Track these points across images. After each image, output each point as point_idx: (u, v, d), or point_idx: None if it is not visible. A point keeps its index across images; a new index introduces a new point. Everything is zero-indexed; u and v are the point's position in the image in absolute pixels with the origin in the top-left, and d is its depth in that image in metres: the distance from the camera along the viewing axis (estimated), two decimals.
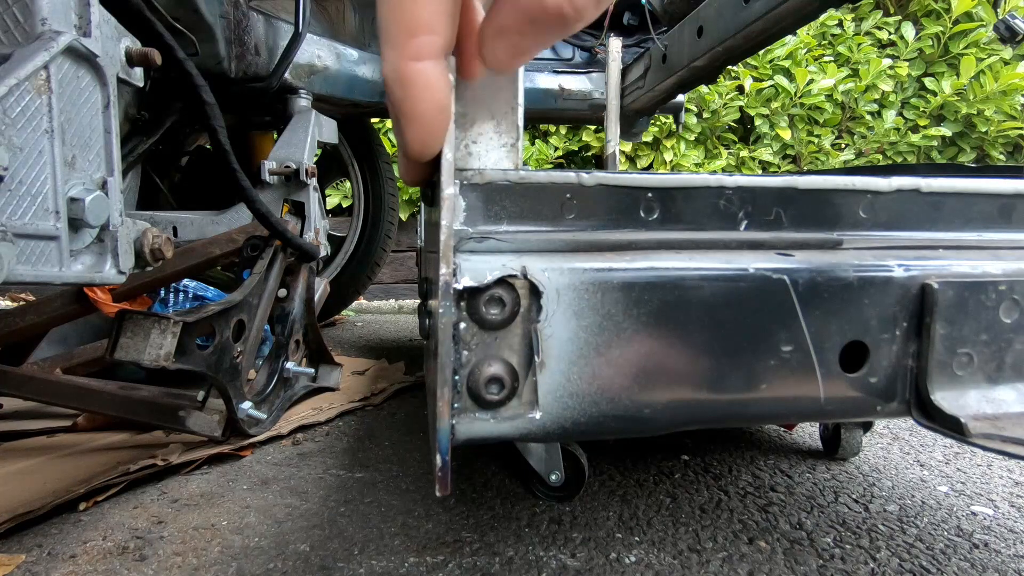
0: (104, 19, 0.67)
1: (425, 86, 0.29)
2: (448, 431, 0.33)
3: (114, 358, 0.91)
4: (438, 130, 0.31)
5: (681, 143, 3.88)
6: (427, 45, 0.29)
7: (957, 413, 0.37)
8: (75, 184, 0.64)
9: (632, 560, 0.79)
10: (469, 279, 0.33)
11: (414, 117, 0.30)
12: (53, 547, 0.83)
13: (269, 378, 1.32)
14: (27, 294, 2.21)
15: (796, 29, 1.15)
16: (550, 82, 1.98)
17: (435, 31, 0.29)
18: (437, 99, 0.30)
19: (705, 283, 0.35)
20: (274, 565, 0.78)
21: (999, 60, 3.66)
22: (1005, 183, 0.44)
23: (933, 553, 0.82)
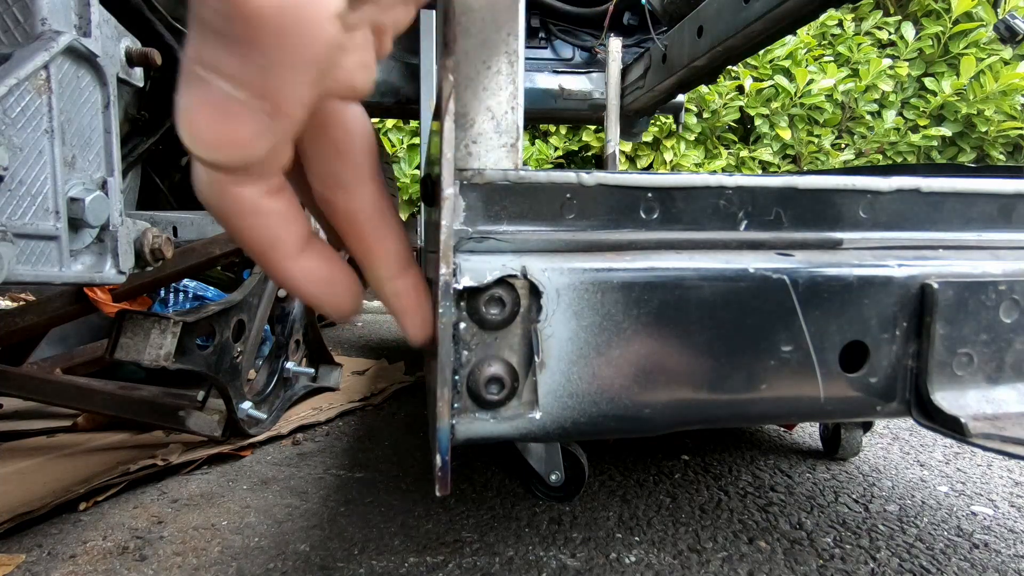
0: (104, 19, 0.67)
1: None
2: (448, 431, 0.33)
3: (114, 358, 0.91)
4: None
5: (681, 143, 3.88)
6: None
7: (957, 413, 0.37)
8: (75, 184, 0.64)
9: (632, 560, 0.79)
10: (469, 279, 0.33)
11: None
12: (53, 547, 0.83)
13: (269, 378, 1.32)
14: (27, 294, 2.21)
15: (796, 29, 1.15)
16: (550, 82, 1.98)
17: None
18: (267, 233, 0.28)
19: (705, 283, 0.35)
20: (274, 565, 0.78)
21: (999, 60, 3.66)
22: (1005, 183, 0.44)
23: (933, 553, 0.82)
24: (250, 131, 0.19)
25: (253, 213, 0.27)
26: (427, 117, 1.53)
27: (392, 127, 3.75)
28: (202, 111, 0.19)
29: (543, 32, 2.01)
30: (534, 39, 2.01)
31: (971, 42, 3.74)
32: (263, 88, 0.19)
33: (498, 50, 0.35)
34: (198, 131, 0.19)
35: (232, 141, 0.19)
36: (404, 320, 0.33)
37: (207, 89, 0.19)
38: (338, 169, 0.29)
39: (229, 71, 0.18)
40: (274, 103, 0.19)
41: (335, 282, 0.30)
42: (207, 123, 0.19)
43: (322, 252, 0.30)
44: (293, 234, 0.28)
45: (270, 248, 0.28)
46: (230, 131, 0.19)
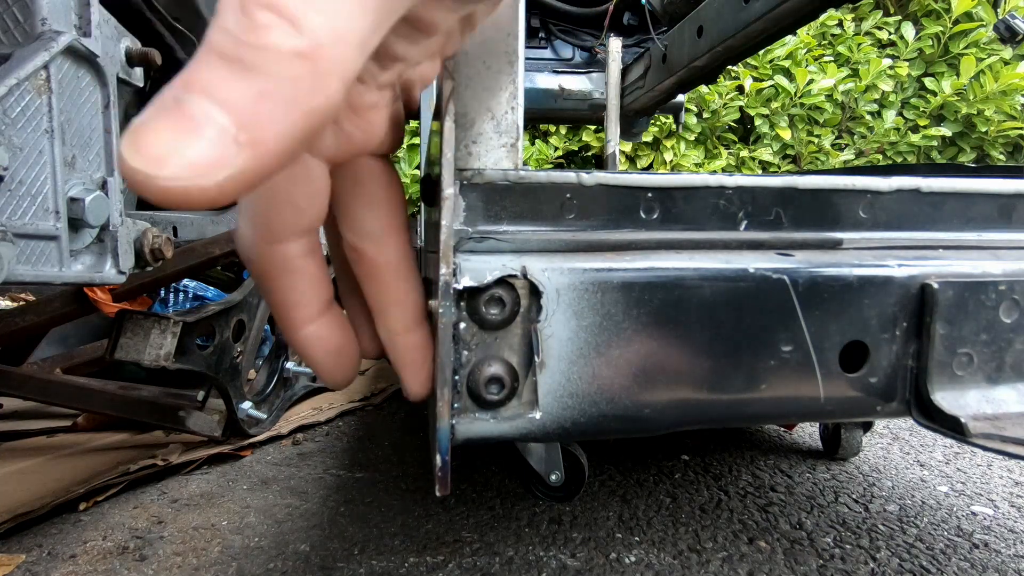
0: (104, 19, 0.67)
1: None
2: (448, 431, 0.33)
3: (114, 358, 0.91)
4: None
5: (681, 143, 3.88)
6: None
7: (957, 413, 0.37)
8: (75, 184, 0.64)
9: (632, 560, 0.79)
10: (469, 279, 0.33)
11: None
12: (53, 547, 0.83)
13: (269, 378, 1.32)
14: (27, 294, 2.21)
15: (796, 29, 1.14)
16: (550, 82, 1.98)
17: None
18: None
19: (705, 283, 0.35)
20: (274, 565, 0.78)
21: (999, 60, 3.66)
22: (1005, 183, 0.44)
23: (933, 553, 0.82)
24: (211, 156, 0.17)
25: (288, 271, 0.28)
26: (427, 117, 1.53)
27: None
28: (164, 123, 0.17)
29: (543, 32, 2.01)
30: (534, 39, 2.01)
31: (971, 42, 3.74)
32: (252, 117, 0.17)
33: (498, 50, 0.35)
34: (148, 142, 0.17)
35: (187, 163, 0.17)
36: (406, 374, 0.33)
37: (180, 108, 0.17)
38: (368, 221, 0.30)
39: (220, 93, 0.17)
40: (254, 136, 0.17)
41: (342, 353, 0.31)
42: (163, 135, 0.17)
43: (337, 320, 0.31)
44: (317, 297, 0.29)
45: (294, 307, 0.28)
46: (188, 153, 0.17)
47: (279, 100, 0.17)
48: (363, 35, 0.19)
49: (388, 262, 0.30)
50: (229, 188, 0.17)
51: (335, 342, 0.30)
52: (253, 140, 0.17)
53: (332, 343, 0.30)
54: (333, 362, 0.31)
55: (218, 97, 0.17)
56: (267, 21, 0.17)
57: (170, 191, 0.17)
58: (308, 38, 0.17)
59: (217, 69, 0.17)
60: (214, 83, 0.17)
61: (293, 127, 0.18)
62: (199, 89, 0.17)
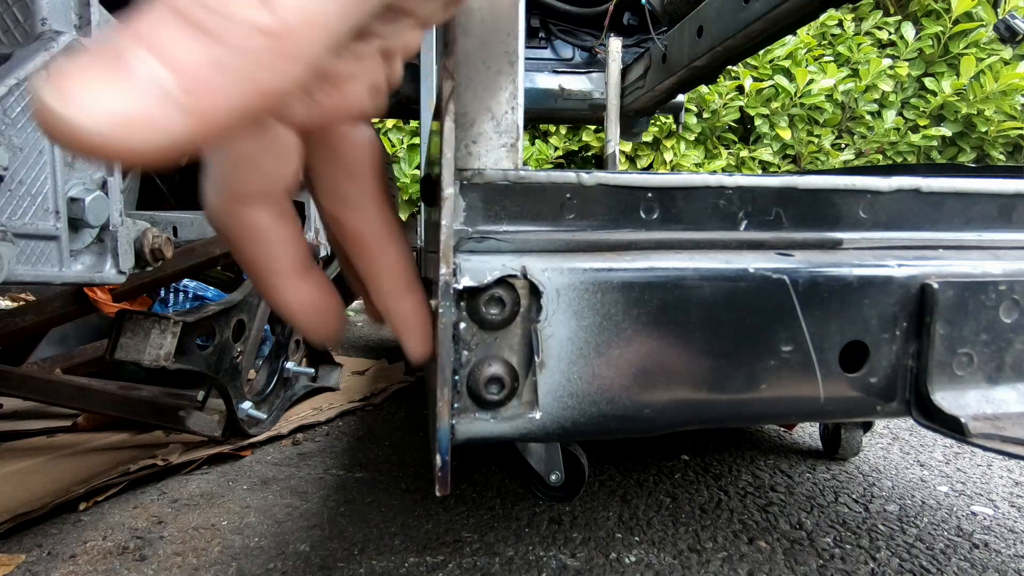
0: (104, 19, 0.67)
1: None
2: (448, 431, 0.33)
3: (114, 358, 0.91)
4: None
5: (681, 143, 3.88)
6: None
7: (957, 413, 0.37)
8: (75, 184, 0.64)
9: (632, 560, 0.79)
10: (469, 279, 0.33)
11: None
12: (53, 547, 0.83)
13: (269, 378, 1.32)
14: (27, 294, 2.21)
15: (796, 29, 1.14)
16: (550, 82, 1.98)
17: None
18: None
19: (705, 283, 0.35)
20: (274, 565, 0.78)
21: (999, 60, 3.66)
22: (1005, 183, 0.44)
23: (933, 553, 0.82)
24: (146, 113, 0.15)
25: (261, 237, 0.27)
26: (427, 117, 1.53)
27: (392, 127, 3.75)
28: (96, 69, 0.15)
29: (543, 32, 2.01)
30: (534, 39, 2.01)
31: (971, 42, 3.74)
32: (200, 83, 0.16)
33: (498, 50, 0.35)
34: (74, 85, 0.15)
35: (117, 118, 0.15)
36: (406, 338, 0.33)
37: (119, 61, 0.15)
38: (347, 188, 0.29)
39: (169, 51, 0.16)
40: (198, 102, 0.16)
41: (325, 311, 0.30)
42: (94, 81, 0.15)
43: (317, 279, 0.30)
44: (294, 259, 0.28)
45: (271, 272, 0.28)
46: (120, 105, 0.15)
47: (233, 72, 0.16)
48: (334, 20, 0.18)
49: (369, 229, 0.30)
50: (159, 150, 0.16)
51: (316, 301, 0.30)
52: (197, 107, 0.16)
53: (314, 302, 0.30)
54: (318, 320, 0.30)
55: (166, 56, 0.16)
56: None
57: (99, 147, 0.15)
58: (277, 16, 0.16)
59: (170, 27, 0.16)
60: (164, 41, 0.16)
61: (241, 102, 0.17)
62: (146, 43, 0.16)
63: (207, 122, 0.16)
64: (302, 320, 0.30)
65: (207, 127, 0.17)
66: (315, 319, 0.30)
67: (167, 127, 0.16)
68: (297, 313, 0.30)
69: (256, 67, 0.17)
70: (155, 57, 0.16)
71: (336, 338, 0.32)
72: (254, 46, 0.16)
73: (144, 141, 0.15)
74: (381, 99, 0.27)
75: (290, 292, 0.29)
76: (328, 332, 0.31)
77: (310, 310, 0.30)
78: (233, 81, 0.16)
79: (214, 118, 0.17)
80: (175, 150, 0.16)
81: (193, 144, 0.17)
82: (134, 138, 0.15)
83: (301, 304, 0.30)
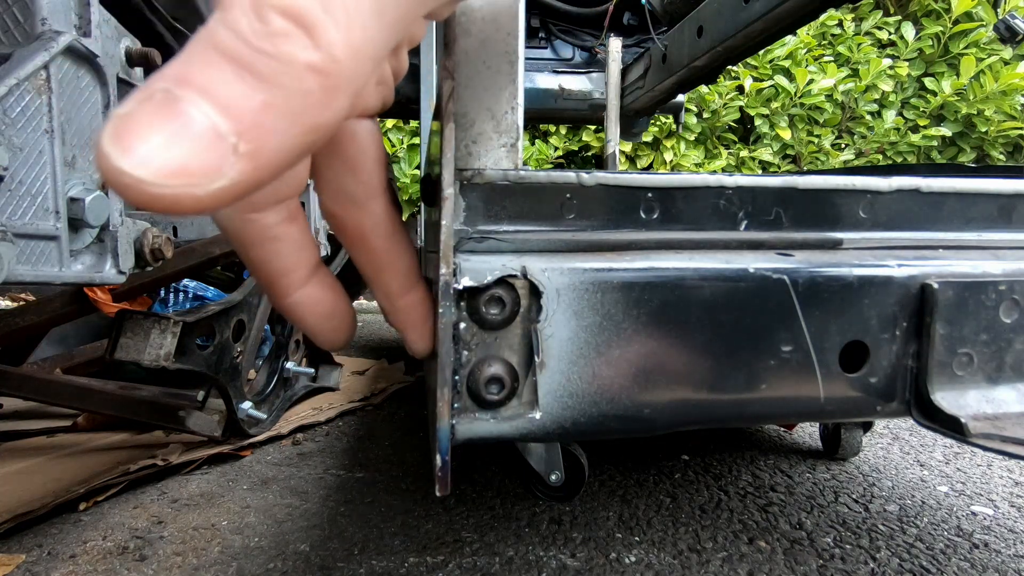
0: (104, 19, 0.67)
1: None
2: (448, 431, 0.33)
3: (114, 358, 0.91)
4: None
5: (681, 143, 3.88)
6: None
7: (957, 413, 0.37)
8: (75, 184, 0.64)
9: (632, 560, 0.79)
10: (469, 279, 0.33)
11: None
12: (53, 547, 0.83)
13: (269, 378, 1.32)
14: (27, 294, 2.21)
15: (796, 29, 1.15)
16: (550, 82, 1.98)
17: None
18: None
19: (705, 283, 0.35)
20: (274, 565, 0.78)
21: (999, 60, 3.66)
22: (1005, 183, 0.44)
23: (933, 553, 0.82)
24: (206, 164, 0.15)
25: (269, 239, 0.27)
26: (427, 117, 1.53)
27: (392, 127, 3.75)
28: (152, 127, 0.15)
29: (543, 32, 2.01)
30: (534, 39, 2.01)
31: (971, 42, 3.74)
32: (254, 127, 0.16)
33: (498, 50, 0.35)
34: (136, 140, 0.15)
35: (177, 169, 0.15)
36: (409, 334, 0.33)
37: (173, 107, 0.15)
38: (350, 185, 0.29)
39: (223, 97, 0.15)
40: (255, 147, 0.16)
41: (335, 314, 0.30)
42: (154, 134, 0.15)
43: (326, 281, 0.29)
44: (303, 262, 0.28)
45: (280, 275, 0.27)
46: (180, 157, 0.15)
47: (285, 113, 0.16)
48: (379, 50, 0.18)
49: (372, 227, 0.29)
50: (221, 198, 0.16)
51: (326, 306, 0.29)
52: (253, 152, 0.16)
53: (323, 307, 0.29)
54: (326, 325, 0.30)
55: (219, 101, 0.15)
56: (283, 28, 0.16)
57: (161, 198, 0.15)
58: (324, 52, 0.16)
59: (220, 71, 0.16)
60: (215, 85, 0.16)
61: (294, 141, 0.17)
62: (197, 88, 0.15)
63: (263, 166, 0.16)
64: (312, 325, 0.30)
65: (262, 171, 0.17)
66: (325, 324, 0.30)
67: (225, 174, 0.16)
68: (307, 316, 0.29)
69: (306, 105, 0.16)
70: (207, 102, 0.15)
71: (346, 341, 0.32)
72: (306, 86, 0.16)
73: (204, 190, 0.16)
74: (389, 91, 0.27)
75: (300, 297, 0.29)
76: (338, 336, 0.31)
77: (321, 315, 0.30)
78: (287, 123, 0.16)
79: (270, 161, 0.17)
80: (237, 197, 0.16)
81: (251, 189, 0.17)
82: (194, 188, 0.15)
83: (312, 308, 0.29)
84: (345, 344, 0.32)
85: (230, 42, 0.16)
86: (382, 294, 0.32)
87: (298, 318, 0.29)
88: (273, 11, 0.15)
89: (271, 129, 0.16)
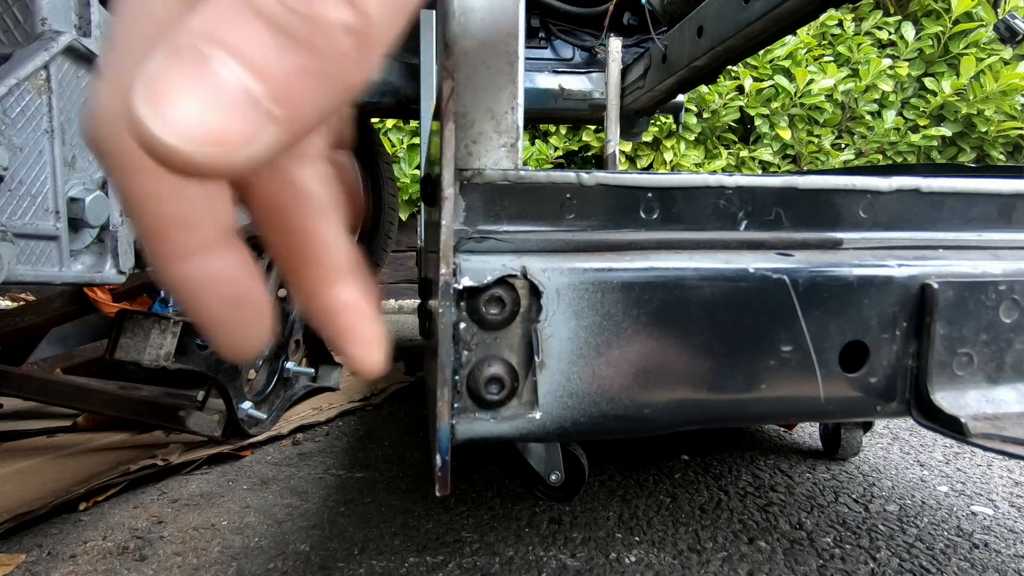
0: (104, 19, 0.67)
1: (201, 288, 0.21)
2: (448, 431, 0.33)
3: (114, 358, 0.91)
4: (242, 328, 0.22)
5: (681, 143, 3.88)
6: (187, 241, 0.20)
7: (957, 413, 0.37)
8: (75, 184, 0.64)
9: (632, 560, 0.79)
10: (469, 279, 0.33)
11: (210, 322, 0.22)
12: (53, 547, 0.83)
13: (269, 378, 1.32)
14: (27, 294, 2.21)
15: (796, 29, 1.14)
16: (550, 82, 1.98)
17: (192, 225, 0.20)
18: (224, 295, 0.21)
19: (705, 283, 0.35)
20: (274, 565, 0.78)
21: (999, 60, 3.66)
22: (1005, 183, 0.44)
23: (933, 553, 0.82)
24: (242, 130, 0.15)
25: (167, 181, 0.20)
26: (427, 117, 1.53)
27: (392, 127, 3.75)
28: (184, 89, 0.14)
29: (543, 32, 2.01)
30: (534, 39, 2.01)
31: (971, 42, 3.74)
32: (289, 93, 0.15)
33: (498, 50, 0.35)
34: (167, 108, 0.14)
35: (213, 137, 0.14)
36: (346, 343, 0.23)
37: (204, 66, 0.14)
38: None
39: (258, 61, 0.15)
40: (290, 113, 0.15)
41: (245, 303, 0.22)
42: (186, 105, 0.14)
43: (239, 256, 0.22)
44: (214, 217, 0.21)
45: (176, 227, 0.20)
46: (216, 123, 0.14)
47: (320, 76, 0.15)
48: (411, 6, 0.17)
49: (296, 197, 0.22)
50: (254, 164, 0.15)
51: (235, 287, 0.21)
52: (288, 116, 0.15)
53: (230, 288, 0.21)
54: (231, 316, 0.22)
55: (253, 64, 0.15)
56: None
57: (196, 166, 0.14)
58: (359, 10, 0.15)
59: (253, 29, 0.15)
60: (248, 45, 0.15)
61: (328, 103, 0.16)
62: (229, 48, 0.15)
63: (296, 130, 0.16)
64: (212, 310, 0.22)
65: (296, 135, 0.16)
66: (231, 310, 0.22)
67: (261, 140, 0.15)
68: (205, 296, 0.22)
69: (343, 68, 0.16)
70: (240, 64, 0.15)
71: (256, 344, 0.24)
72: (342, 47, 0.15)
73: (239, 156, 0.15)
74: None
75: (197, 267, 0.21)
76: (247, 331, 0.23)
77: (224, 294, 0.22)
78: (322, 86, 0.16)
79: (303, 125, 0.16)
80: (263, 162, 0.16)
81: (282, 153, 0.16)
82: (229, 155, 0.15)
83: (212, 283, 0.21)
84: (254, 350, 0.23)
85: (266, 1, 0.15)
86: (303, 287, 0.23)
87: (190, 298, 0.21)
88: None
89: (305, 93, 0.15)
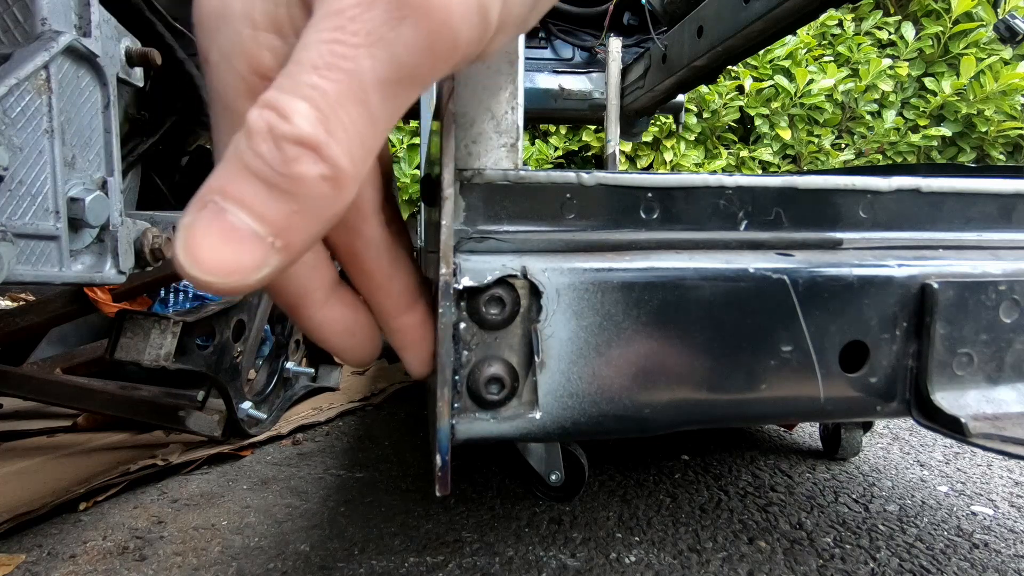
0: (104, 19, 0.67)
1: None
2: (448, 431, 0.33)
3: (114, 358, 0.91)
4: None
5: (681, 143, 3.88)
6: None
7: (957, 413, 0.37)
8: (75, 184, 0.64)
9: (632, 560, 0.79)
10: (469, 279, 0.33)
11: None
12: (53, 547, 0.83)
13: (269, 378, 1.32)
14: (27, 294, 2.21)
15: (796, 29, 1.14)
16: (550, 82, 1.98)
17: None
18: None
19: (705, 283, 0.35)
20: (274, 565, 0.78)
21: (999, 60, 3.66)
22: (1005, 183, 0.44)
23: (933, 553, 0.82)
24: (253, 262, 0.20)
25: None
26: (427, 117, 1.53)
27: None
28: (210, 237, 0.20)
29: (543, 32, 2.01)
30: (534, 39, 2.01)
31: (971, 42, 3.74)
32: (285, 229, 0.21)
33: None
34: (200, 255, 0.20)
35: (234, 269, 0.20)
36: (407, 355, 0.33)
37: (222, 217, 0.20)
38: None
39: (258, 210, 0.20)
40: (287, 242, 0.21)
41: (357, 332, 0.30)
42: (213, 249, 0.20)
43: (346, 299, 0.30)
44: (321, 282, 0.28)
45: (299, 297, 0.28)
46: (234, 260, 0.20)
47: (307, 213, 0.21)
48: (376, 146, 0.22)
49: (365, 247, 0.29)
50: (266, 281, 0.21)
51: (348, 322, 0.30)
52: (286, 246, 0.21)
53: (345, 324, 0.30)
54: (347, 343, 0.30)
55: (256, 212, 0.20)
56: (296, 154, 0.20)
57: (224, 289, 0.21)
58: (331, 164, 0.20)
59: (254, 186, 0.20)
60: (251, 198, 0.20)
61: (317, 229, 0.22)
62: (238, 202, 0.20)
63: (295, 253, 0.21)
64: (336, 344, 0.30)
65: (294, 256, 0.22)
66: (349, 341, 0.30)
67: (268, 264, 0.21)
68: (331, 337, 0.30)
69: (325, 205, 0.21)
70: (247, 213, 0.20)
71: (370, 357, 0.32)
72: (321, 192, 0.20)
73: (254, 278, 0.21)
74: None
75: (321, 317, 0.29)
76: (363, 352, 0.31)
77: (344, 333, 0.30)
78: (310, 220, 0.21)
79: (300, 249, 0.21)
80: (273, 279, 0.22)
81: (285, 270, 0.22)
82: (246, 279, 0.21)
83: (333, 327, 0.29)
84: (369, 361, 0.32)
85: (259, 166, 0.20)
86: (379, 314, 0.31)
87: (322, 339, 0.30)
88: (287, 142, 0.20)
89: (298, 227, 0.21)
